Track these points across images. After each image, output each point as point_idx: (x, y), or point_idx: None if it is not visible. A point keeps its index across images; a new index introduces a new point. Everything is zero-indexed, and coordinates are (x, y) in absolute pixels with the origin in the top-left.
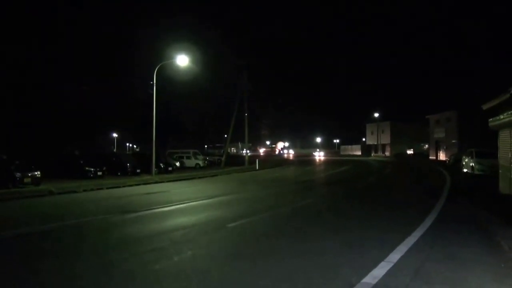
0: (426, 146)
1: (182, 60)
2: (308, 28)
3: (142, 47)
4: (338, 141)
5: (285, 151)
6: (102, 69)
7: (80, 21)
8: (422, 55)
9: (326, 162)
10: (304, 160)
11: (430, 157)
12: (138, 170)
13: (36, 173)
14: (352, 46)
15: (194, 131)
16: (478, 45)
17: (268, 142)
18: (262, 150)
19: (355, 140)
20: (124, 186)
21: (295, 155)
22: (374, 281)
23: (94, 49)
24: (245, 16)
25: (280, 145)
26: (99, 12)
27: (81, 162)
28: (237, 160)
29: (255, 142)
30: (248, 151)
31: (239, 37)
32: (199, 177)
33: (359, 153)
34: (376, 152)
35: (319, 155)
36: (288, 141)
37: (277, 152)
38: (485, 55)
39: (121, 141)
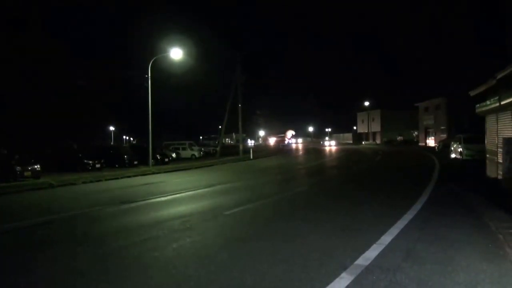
0: (416, 133)
1: (176, 54)
2: (299, 17)
3: (137, 41)
4: (329, 129)
5: (293, 140)
6: (100, 64)
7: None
8: (413, 42)
9: (318, 151)
10: (307, 149)
11: (420, 144)
12: (135, 162)
13: (36, 166)
14: (343, 34)
15: (188, 122)
16: (468, 31)
17: (262, 132)
18: (273, 140)
19: (347, 128)
20: (122, 178)
21: (304, 145)
22: (367, 263)
23: (91, 44)
24: (237, 4)
25: (289, 133)
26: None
27: (80, 155)
28: (231, 151)
29: (251, 132)
30: (252, 142)
31: (232, 27)
32: (195, 168)
33: (350, 141)
34: (367, 140)
35: (329, 145)
36: (280, 131)
37: (286, 142)
38: (473, 41)
39: (118, 134)
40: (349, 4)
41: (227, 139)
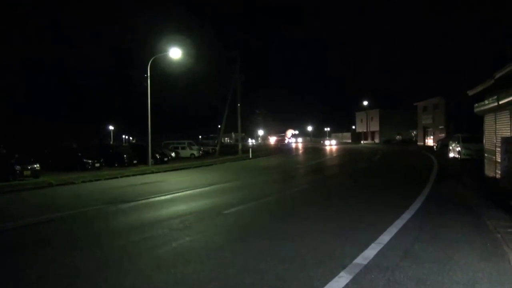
0: (414, 132)
1: (175, 53)
2: (299, 16)
3: (136, 40)
4: (328, 129)
5: (293, 139)
6: (100, 64)
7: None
8: (412, 42)
9: (318, 150)
10: (306, 149)
11: (418, 143)
12: (134, 161)
13: (35, 165)
14: (342, 34)
15: (188, 122)
16: (468, 31)
17: (261, 132)
18: (273, 139)
19: (346, 128)
20: (121, 177)
21: (304, 144)
22: (366, 262)
23: (89, 42)
24: (237, 4)
25: (289, 133)
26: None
27: (79, 154)
28: (230, 150)
29: (250, 132)
30: (253, 141)
31: (232, 27)
32: (195, 167)
33: (349, 140)
34: (365, 139)
35: (330, 144)
36: (281, 130)
37: (286, 141)
38: (473, 41)
39: (117, 133)
40: (349, 3)
41: (226, 139)
